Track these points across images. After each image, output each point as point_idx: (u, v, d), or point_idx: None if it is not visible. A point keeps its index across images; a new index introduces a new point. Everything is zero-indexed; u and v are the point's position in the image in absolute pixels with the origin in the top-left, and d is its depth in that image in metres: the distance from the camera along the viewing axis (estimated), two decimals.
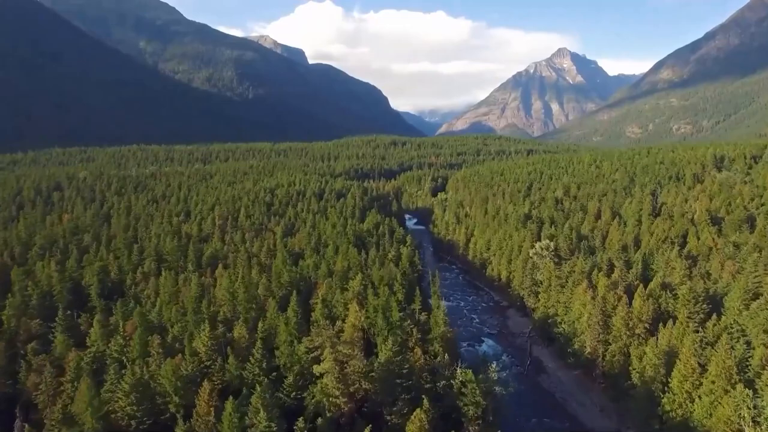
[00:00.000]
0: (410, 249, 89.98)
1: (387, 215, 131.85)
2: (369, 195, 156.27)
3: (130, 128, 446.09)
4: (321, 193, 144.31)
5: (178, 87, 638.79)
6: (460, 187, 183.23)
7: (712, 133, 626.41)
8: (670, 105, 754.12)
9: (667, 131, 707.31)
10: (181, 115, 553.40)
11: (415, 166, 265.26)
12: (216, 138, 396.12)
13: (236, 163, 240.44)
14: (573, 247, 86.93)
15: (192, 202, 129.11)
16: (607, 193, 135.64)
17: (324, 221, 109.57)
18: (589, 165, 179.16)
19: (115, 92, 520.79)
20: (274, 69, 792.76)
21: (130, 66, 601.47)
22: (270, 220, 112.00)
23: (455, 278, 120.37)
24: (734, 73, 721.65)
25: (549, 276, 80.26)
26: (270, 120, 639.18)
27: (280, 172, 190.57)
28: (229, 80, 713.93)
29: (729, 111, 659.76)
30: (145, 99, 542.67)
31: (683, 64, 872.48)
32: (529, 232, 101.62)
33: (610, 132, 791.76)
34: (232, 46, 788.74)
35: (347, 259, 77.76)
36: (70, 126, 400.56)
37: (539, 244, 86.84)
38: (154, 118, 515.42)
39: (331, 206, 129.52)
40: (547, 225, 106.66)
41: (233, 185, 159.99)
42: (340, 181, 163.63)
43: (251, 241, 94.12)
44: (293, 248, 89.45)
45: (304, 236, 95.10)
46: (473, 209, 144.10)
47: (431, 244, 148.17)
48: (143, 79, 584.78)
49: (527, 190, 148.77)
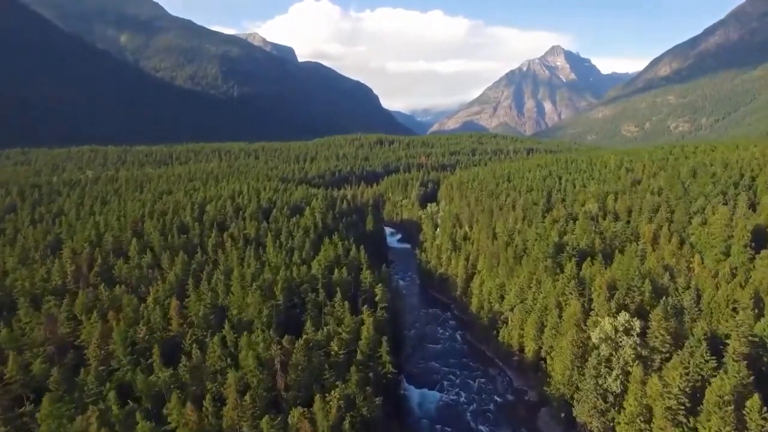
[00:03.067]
0: (383, 321, 50.40)
1: (358, 240, 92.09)
2: (337, 208, 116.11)
3: (102, 127, 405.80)
4: (269, 209, 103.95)
5: (159, 84, 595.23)
6: (455, 196, 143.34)
7: (711, 132, 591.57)
8: (668, 102, 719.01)
9: (665, 129, 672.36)
10: (161, 113, 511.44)
11: (402, 168, 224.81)
12: (197, 137, 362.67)
13: (193, 166, 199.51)
14: (669, 329, 46.98)
15: (80, 226, 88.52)
16: (659, 207, 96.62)
17: (250, 264, 69.54)
18: (617, 168, 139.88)
19: (89, 89, 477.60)
20: (261, 67, 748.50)
21: (107, 62, 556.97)
22: (173, 258, 71.65)
23: (451, 338, 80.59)
24: (734, 70, 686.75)
25: (638, 392, 40.79)
26: (255, 119, 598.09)
27: (232, 179, 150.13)
28: (213, 78, 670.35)
29: (728, 109, 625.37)
30: (122, 97, 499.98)
31: (682, 60, 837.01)
32: (572, 282, 62.11)
33: (605, 130, 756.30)
34: (217, 43, 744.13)
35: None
36: (30, 125, 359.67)
37: (609, 321, 47.13)
38: (131, 116, 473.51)
39: (277, 229, 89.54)
40: (599, 264, 67.22)
41: (163, 197, 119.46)
42: (301, 190, 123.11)
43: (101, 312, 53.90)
44: (164, 333, 49.58)
45: (193, 303, 55.30)
46: (475, 229, 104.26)
47: (418, 275, 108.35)
48: (121, 76, 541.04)
49: (547, 203, 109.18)
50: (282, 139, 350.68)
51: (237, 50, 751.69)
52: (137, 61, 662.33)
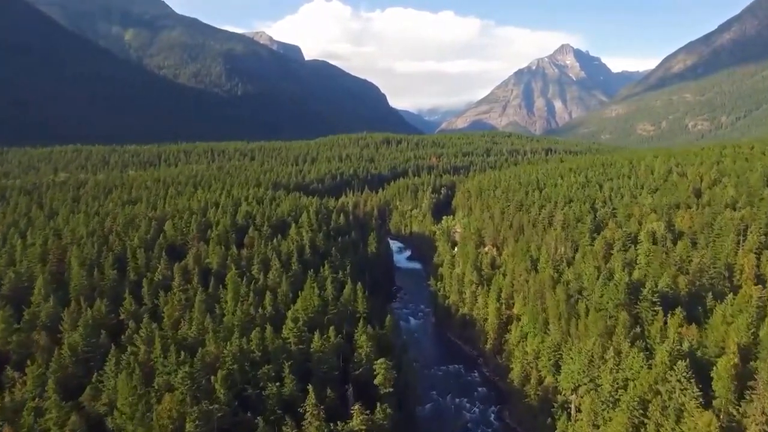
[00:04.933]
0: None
1: (357, 266, 69.88)
2: (332, 223, 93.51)
3: (101, 126, 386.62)
4: (245, 227, 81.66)
5: (162, 82, 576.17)
6: (475, 206, 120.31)
7: (734, 130, 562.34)
8: (684, 100, 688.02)
9: (682, 128, 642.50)
10: (163, 112, 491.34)
11: (411, 171, 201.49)
12: (199, 136, 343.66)
13: (178, 169, 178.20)
14: None
15: None
16: (747, 227, 73.31)
17: (192, 322, 47.25)
18: (666, 172, 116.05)
19: (89, 88, 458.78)
20: (266, 65, 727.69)
21: (108, 60, 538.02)
22: (81, 310, 49.51)
23: (482, 416, 57.28)
24: (752, 66, 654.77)
25: None
26: (259, 117, 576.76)
27: (216, 185, 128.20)
28: (217, 76, 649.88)
29: (750, 106, 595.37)
30: (122, 95, 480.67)
31: (696, 56, 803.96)
32: (680, 368, 38.95)
33: (619, 129, 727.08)
34: (222, 41, 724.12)
35: None
36: (28, 124, 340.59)
37: None
38: (131, 115, 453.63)
39: (248, 257, 67.37)
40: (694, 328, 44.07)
41: (125, 208, 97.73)
42: (290, 200, 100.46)
43: None
44: None
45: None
46: (505, 253, 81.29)
47: (433, 311, 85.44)
48: (123, 74, 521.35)
49: (594, 219, 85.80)
50: (286, 138, 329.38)
51: (241, 48, 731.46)
52: (140, 59, 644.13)
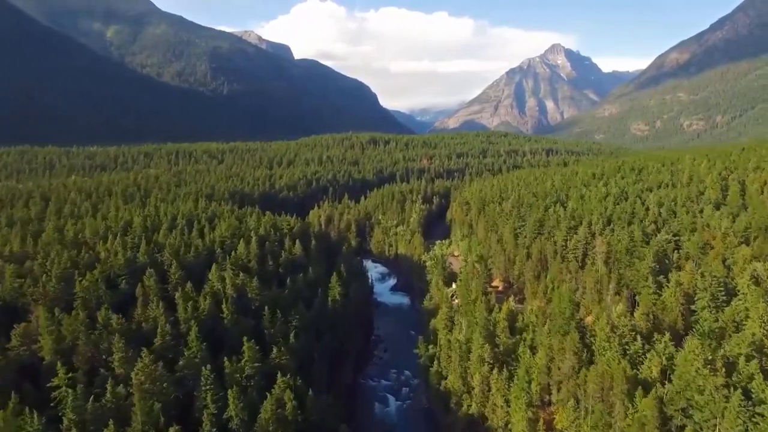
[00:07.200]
0: None
1: (313, 326, 43.00)
2: (283, 256, 66.36)
3: (73, 125, 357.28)
4: (141, 269, 54.43)
5: (145, 81, 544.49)
6: (477, 222, 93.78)
7: (729, 130, 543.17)
8: (678, 99, 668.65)
9: (677, 128, 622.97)
10: (145, 111, 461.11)
11: (400, 176, 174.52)
12: (183, 136, 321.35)
13: (126, 175, 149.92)
14: None
15: None
16: None
17: None
18: (719, 179, 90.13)
19: (61, 85, 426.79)
20: (253, 64, 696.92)
21: (85, 57, 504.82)
22: None
23: None
24: (744, 65, 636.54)
25: None
26: (244, 117, 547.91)
27: (155, 197, 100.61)
28: (203, 74, 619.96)
29: (745, 105, 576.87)
30: (100, 93, 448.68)
31: (689, 55, 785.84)
32: None
33: (613, 129, 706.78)
34: (208, 39, 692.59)
35: None
36: None
37: None
38: (109, 114, 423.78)
39: (137, 321, 40.48)
40: None
41: (34, 225, 70.31)
42: (227, 223, 72.62)
43: None
44: None
45: None
46: (530, 307, 54.73)
47: (424, 389, 58.16)
48: (101, 72, 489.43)
49: (652, 251, 59.49)
50: (271, 138, 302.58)
51: (228, 46, 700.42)
52: (122, 57, 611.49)
